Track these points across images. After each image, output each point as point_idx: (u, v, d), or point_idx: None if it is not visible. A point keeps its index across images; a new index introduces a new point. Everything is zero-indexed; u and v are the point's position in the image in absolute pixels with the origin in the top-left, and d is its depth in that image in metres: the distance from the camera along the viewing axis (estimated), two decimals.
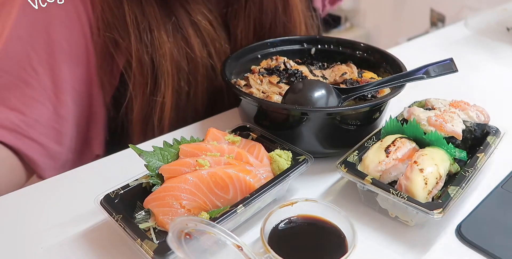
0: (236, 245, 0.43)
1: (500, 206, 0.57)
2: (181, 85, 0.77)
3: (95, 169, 0.66)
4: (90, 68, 0.72)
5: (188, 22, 0.74)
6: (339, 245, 0.48)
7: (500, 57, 1.02)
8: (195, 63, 0.76)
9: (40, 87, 0.68)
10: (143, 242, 0.45)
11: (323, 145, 0.63)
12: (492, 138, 0.61)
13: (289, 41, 0.79)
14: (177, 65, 0.74)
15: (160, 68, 0.73)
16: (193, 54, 0.75)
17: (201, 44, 0.76)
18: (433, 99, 0.65)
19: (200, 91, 0.79)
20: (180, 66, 0.75)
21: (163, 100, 0.75)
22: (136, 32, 0.70)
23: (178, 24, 0.73)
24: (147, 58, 0.72)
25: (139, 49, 0.71)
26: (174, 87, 0.75)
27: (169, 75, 0.73)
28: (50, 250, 0.52)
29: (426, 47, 1.09)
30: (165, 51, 0.72)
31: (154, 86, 0.74)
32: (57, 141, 0.72)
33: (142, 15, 0.69)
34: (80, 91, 0.73)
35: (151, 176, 0.54)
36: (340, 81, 0.71)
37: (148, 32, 0.70)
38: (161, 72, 0.73)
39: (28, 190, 0.61)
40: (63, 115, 0.71)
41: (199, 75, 0.78)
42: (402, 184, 0.52)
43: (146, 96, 0.74)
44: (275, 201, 0.58)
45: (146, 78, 0.73)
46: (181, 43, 0.74)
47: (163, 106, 0.75)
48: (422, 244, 0.52)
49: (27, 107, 0.67)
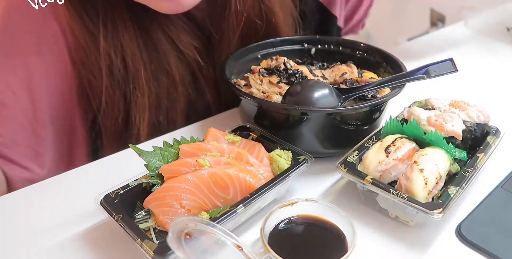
0: (236, 245, 0.43)
1: (500, 206, 0.57)
2: (159, 119, 0.75)
3: (95, 169, 0.66)
4: (69, 92, 0.71)
5: (171, 52, 0.71)
6: (339, 245, 0.48)
7: (500, 57, 1.02)
8: (176, 94, 0.74)
9: (18, 107, 0.66)
10: (143, 242, 0.45)
11: (323, 145, 0.63)
12: (492, 138, 0.60)
13: (289, 41, 0.79)
14: (156, 99, 0.72)
15: (134, 103, 0.71)
16: (174, 86, 0.73)
17: (185, 73, 0.74)
18: (433, 99, 0.65)
19: (178, 119, 0.77)
20: (159, 100, 0.73)
21: (138, 132, 0.73)
22: (108, 66, 0.68)
23: (158, 54, 0.71)
24: (119, 94, 0.70)
25: (111, 85, 0.69)
26: (150, 121, 0.73)
27: (145, 109, 0.71)
28: (50, 250, 0.52)
29: (426, 47, 1.09)
30: (142, 83, 0.70)
31: (126, 122, 0.72)
32: (38, 163, 0.70)
33: (120, 46, 0.67)
34: (59, 112, 0.71)
35: (151, 176, 0.54)
36: (340, 81, 0.71)
37: (122, 65, 0.68)
38: (136, 107, 0.71)
39: (28, 190, 0.61)
40: (42, 136, 0.70)
41: (178, 105, 0.75)
42: (402, 184, 0.52)
43: (119, 129, 0.73)
44: (275, 201, 0.58)
45: (117, 114, 0.71)
46: (161, 75, 0.72)
47: (138, 137, 0.73)
48: (422, 244, 0.52)
49: (4, 128, 0.66)
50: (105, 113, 0.72)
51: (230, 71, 0.70)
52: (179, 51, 0.72)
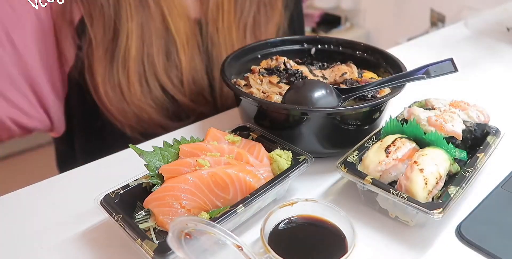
0: (236, 245, 0.43)
1: (500, 206, 0.57)
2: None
3: (95, 169, 0.66)
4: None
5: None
6: (339, 245, 0.48)
7: (500, 57, 1.02)
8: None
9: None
10: (143, 242, 0.45)
11: (323, 145, 0.63)
12: (492, 138, 0.61)
13: (289, 41, 0.79)
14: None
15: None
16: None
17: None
18: (433, 99, 0.65)
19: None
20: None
21: (127, 38, 0.73)
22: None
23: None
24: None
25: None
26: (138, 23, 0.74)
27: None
28: (50, 250, 0.52)
29: (426, 47, 1.09)
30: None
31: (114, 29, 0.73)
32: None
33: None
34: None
35: (151, 176, 0.54)
36: (340, 81, 0.71)
37: None
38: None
39: (28, 190, 0.61)
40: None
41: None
42: (402, 184, 0.52)
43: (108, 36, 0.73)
44: (275, 201, 0.58)
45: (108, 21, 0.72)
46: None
47: (127, 44, 0.74)
48: (422, 244, 0.52)
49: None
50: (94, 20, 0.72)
51: (230, 71, 0.70)
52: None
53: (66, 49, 0.75)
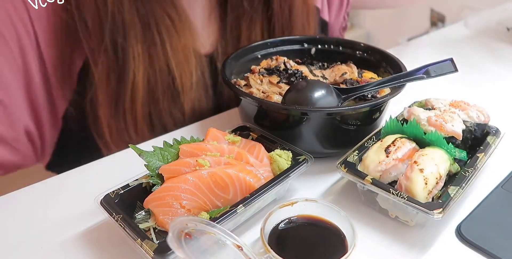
0: (236, 245, 0.43)
1: (500, 206, 0.57)
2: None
3: (95, 169, 0.66)
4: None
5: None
6: (339, 245, 0.48)
7: (500, 57, 1.02)
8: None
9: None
10: (143, 242, 0.45)
11: (323, 145, 0.63)
12: (492, 138, 0.61)
13: (289, 41, 0.79)
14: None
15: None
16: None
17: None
18: (433, 99, 0.65)
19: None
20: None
21: (134, 80, 0.72)
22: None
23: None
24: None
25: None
26: (145, 67, 0.72)
27: (140, 55, 0.71)
28: (50, 250, 0.52)
29: (426, 47, 1.09)
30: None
31: (123, 70, 0.71)
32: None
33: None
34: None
35: (151, 176, 0.54)
36: (340, 81, 0.71)
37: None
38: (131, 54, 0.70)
39: (28, 190, 0.61)
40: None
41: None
42: (402, 184, 0.52)
43: (114, 79, 0.72)
44: (275, 201, 0.58)
45: (113, 61, 0.70)
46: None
47: (134, 86, 0.72)
48: (422, 244, 0.52)
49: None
50: (99, 62, 0.70)
51: (230, 71, 0.70)
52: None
53: (58, 100, 0.75)
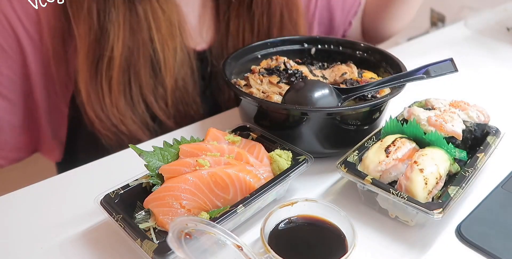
0: (236, 245, 0.43)
1: (500, 206, 0.57)
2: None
3: (95, 169, 0.66)
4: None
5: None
6: (339, 245, 0.48)
7: (500, 57, 1.02)
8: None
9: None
10: (143, 242, 0.45)
11: (323, 145, 0.63)
12: (492, 138, 0.60)
13: (289, 41, 0.79)
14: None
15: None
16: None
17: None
18: (433, 99, 0.65)
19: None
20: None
21: (113, 47, 0.71)
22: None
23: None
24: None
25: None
26: (125, 36, 0.71)
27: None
28: (50, 250, 0.52)
29: (426, 47, 1.09)
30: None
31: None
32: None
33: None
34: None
35: (151, 176, 0.54)
36: (340, 81, 0.71)
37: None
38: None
39: (28, 190, 0.61)
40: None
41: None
42: (402, 184, 0.52)
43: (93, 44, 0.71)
44: (275, 201, 0.58)
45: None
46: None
47: (112, 53, 0.71)
48: (422, 244, 0.52)
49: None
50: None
51: (230, 71, 0.70)
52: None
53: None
